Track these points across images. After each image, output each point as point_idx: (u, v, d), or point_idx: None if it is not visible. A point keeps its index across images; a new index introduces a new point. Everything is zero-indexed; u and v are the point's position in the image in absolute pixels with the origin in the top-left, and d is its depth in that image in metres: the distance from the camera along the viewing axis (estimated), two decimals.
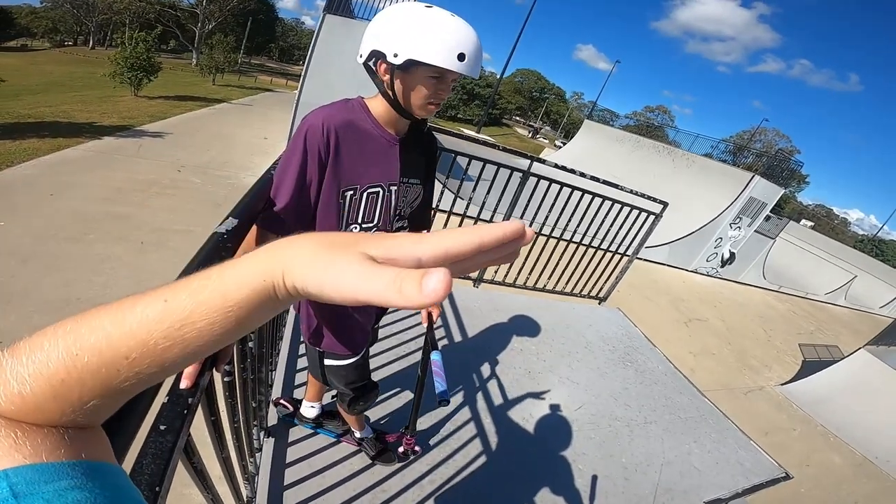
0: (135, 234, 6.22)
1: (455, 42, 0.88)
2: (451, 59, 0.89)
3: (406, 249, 0.27)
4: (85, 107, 14.47)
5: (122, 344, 0.26)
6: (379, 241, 0.28)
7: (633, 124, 24.97)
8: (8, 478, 0.23)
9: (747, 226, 14.36)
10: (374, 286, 0.24)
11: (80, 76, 23.33)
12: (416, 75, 0.93)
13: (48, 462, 0.24)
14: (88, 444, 0.28)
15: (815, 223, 34.57)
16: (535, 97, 63.44)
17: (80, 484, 0.25)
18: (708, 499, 2.28)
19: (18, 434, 0.25)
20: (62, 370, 0.26)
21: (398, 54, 0.90)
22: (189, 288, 0.28)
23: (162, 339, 0.27)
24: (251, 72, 42.13)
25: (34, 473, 0.24)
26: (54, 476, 0.24)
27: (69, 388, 0.26)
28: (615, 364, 3.25)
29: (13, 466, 0.23)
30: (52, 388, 0.25)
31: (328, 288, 0.27)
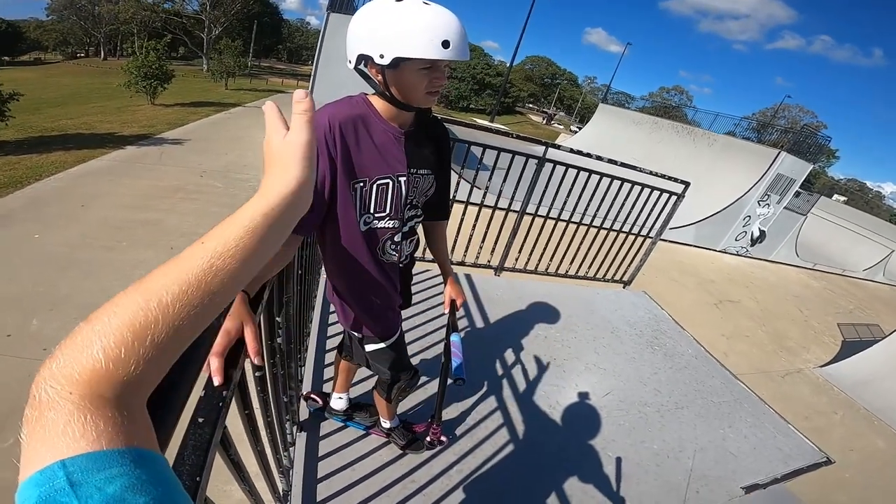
0: (164, 239, 6.41)
1: (436, 31, 0.88)
2: (437, 49, 0.89)
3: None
4: (105, 117, 14.90)
5: (180, 281, 0.34)
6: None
7: (650, 106, 24.41)
8: (65, 467, 0.25)
9: (776, 203, 14.00)
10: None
11: (97, 87, 23.95)
12: (407, 70, 0.94)
13: (104, 450, 0.26)
14: (139, 432, 0.30)
15: (849, 198, 33.18)
16: (547, 83, 62.37)
17: (127, 471, 0.26)
18: (745, 484, 2.22)
19: (87, 418, 0.27)
20: (140, 314, 0.32)
21: (384, 55, 0.90)
22: (219, 230, 0.38)
23: (206, 270, 0.35)
24: (262, 74, 42.58)
25: (88, 462, 0.25)
26: (106, 464, 0.26)
27: (145, 328, 0.32)
28: (643, 349, 3.19)
29: (71, 456, 0.25)
30: (132, 331, 0.31)
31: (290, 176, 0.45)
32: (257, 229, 0.39)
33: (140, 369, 0.31)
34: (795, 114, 53.75)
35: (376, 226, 1.13)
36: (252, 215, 0.40)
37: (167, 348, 0.33)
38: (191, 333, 0.35)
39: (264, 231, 0.39)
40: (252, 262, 0.38)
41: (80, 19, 44.69)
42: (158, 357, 0.32)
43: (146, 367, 0.32)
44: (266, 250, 0.40)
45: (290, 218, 0.44)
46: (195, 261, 0.36)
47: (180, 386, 0.48)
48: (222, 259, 0.36)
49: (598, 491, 1.93)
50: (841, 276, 15.91)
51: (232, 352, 0.70)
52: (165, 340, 0.33)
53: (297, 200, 0.44)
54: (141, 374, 0.31)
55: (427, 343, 2.49)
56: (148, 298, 0.33)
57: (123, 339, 0.31)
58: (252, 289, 0.84)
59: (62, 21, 45.82)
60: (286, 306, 1.20)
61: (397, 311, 1.38)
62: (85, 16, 44.63)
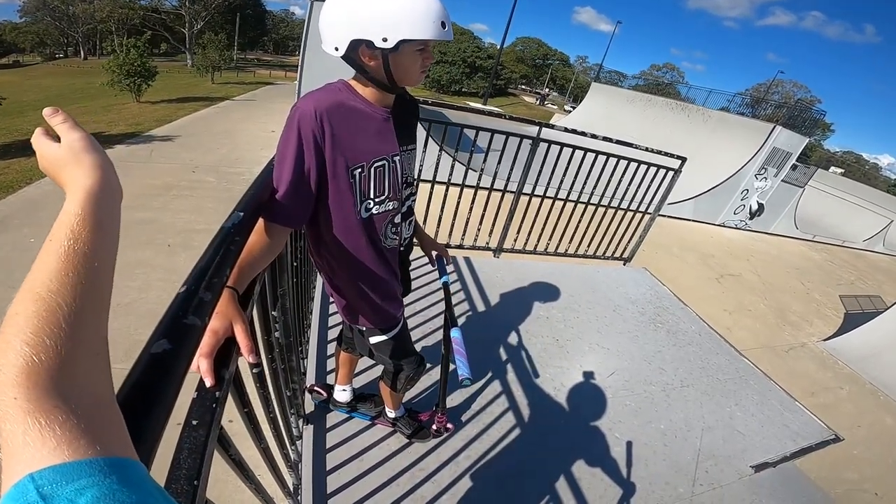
0: (161, 237, 6.37)
1: (434, 12, 0.91)
2: (438, 30, 0.92)
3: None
4: (91, 117, 14.66)
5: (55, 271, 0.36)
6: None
7: (643, 84, 24.28)
8: (34, 481, 0.25)
9: (773, 176, 14.05)
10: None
11: (79, 87, 23.50)
12: (406, 52, 0.95)
13: (69, 462, 0.26)
14: (104, 436, 0.30)
15: (846, 170, 33.12)
16: (539, 64, 61.64)
17: (97, 481, 0.26)
18: (754, 463, 2.21)
19: (42, 423, 0.27)
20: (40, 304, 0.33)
21: (387, 38, 0.91)
22: (59, 224, 0.40)
23: (70, 255, 0.37)
24: (248, 67, 41.88)
25: (56, 474, 0.25)
26: (74, 475, 0.26)
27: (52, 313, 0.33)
28: (646, 326, 3.18)
29: (38, 469, 0.25)
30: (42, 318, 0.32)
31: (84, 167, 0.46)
32: (84, 213, 0.41)
33: (69, 353, 0.32)
34: (789, 89, 53.91)
35: (377, 211, 1.12)
36: (68, 219, 0.40)
37: (85, 323, 0.34)
38: (97, 301, 0.37)
39: (92, 210, 0.41)
40: (100, 234, 0.40)
41: (54, 20, 43.59)
42: (81, 335, 0.34)
43: (73, 348, 0.32)
44: (104, 223, 0.41)
45: (108, 203, 0.44)
46: (54, 254, 0.37)
47: (159, 388, 0.45)
48: (77, 241, 0.38)
49: (607, 473, 1.93)
50: (841, 248, 15.96)
51: (224, 350, 0.68)
52: (78, 318, 0.34)
53: (104, 185, 0.45)
54: (73, 357, 0.32)
55: (429, 329, 2.47)
56: (38, 291, 0.34)
57: (37, 327, 0.31)
58: (241, 285, 0.80)
59: (37, 22, 44.65)
60: (282, 300, 1.17)
61: (399, 300, 1.36)
62: (59, 16, 43.50)
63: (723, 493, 2.02)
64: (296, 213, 0.99)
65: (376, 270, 1.19)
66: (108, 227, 0.43)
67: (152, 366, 0.46)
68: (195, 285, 0.59)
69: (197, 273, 0.61)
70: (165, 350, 0.48)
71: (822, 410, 3.25)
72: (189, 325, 0.53)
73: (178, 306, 0.55)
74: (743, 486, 2.09)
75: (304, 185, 0.98)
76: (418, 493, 1.63)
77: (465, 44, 45.29)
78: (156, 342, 0.49)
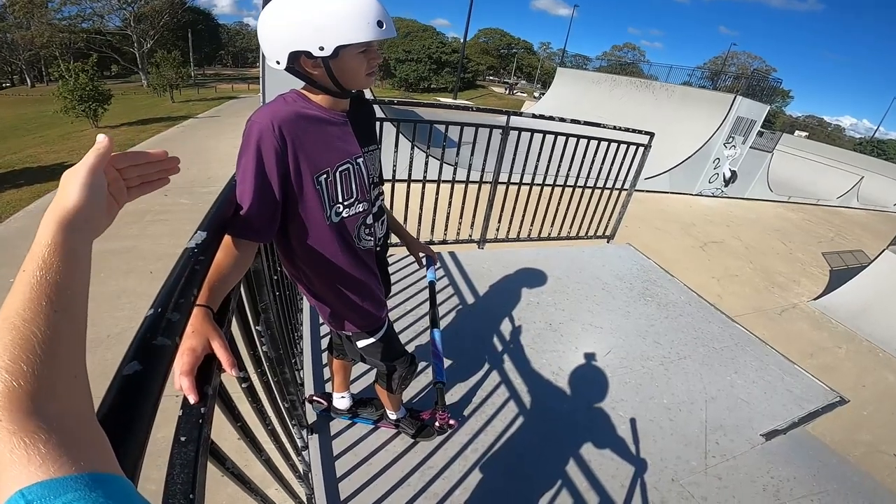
0: (141, 264, 6.22)
1: (369, 12, 0.89)
2: (375, 30, 0.90)
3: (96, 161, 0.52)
4: (50, 148, 14.18)
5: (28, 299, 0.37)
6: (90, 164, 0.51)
7: (607, 65, 24.70)
8: (24, 497, 0.26)
9: (742, 144, 14.55)
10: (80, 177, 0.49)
11: (32, 117, 22.59)
12: (348, 57, 0.94)
13: (55, 478, 0.27)
14: (89, 453, 0.31)
15: (810, 133, 34.14)
16: (504, 54, 61.90)
17: (83, 496, 0.27)
18: (764, 431, 2.20)
19: (27, 442, 0.28)
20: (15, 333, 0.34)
21: (324, 46, 0.89)
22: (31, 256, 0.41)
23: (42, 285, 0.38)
24: (209, 83, 40.92)
25: (44, 490, 0.26)
26: (61, 490, 0.27)
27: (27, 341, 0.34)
28: (636, 301, 3.22)
29: (28, 485, 0.26)
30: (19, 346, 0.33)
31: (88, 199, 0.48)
32: (54, 244, 0.42)
33: (47, 377, 0.33)
34: (744, 60, 55.34)
35: (347, 214, 1.10)
36: (39, 250, 0.42)
37: (61, 349, 0.35)
38: (73, 328, 0.38)
39: (62, 244, 0.43)
40: (71, 267, 0.42)
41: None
42: (59, 359, 0.35)
43: (51, 373, 0.33)
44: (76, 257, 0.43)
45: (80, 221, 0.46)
46: (27, 284, 0.38)
47: (134, 408, 0.45)
48: (49, 272, 0.40)
49: (616, 452, 1.93)
50: (816, 206, 16.46)
51: (205, 367, 0.67)
52: (53, 345, 0.35)
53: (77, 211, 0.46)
54: (52, 381, 0.33)
55: (419, 329, 2.45)
56: (12, 321, 0.35)
57: (14, 355, 0.33)
58: (214, 303, 0.79)
59: None
60: (265, 314, 1.15)
61: (381, 300, 1.34)
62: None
63: (737, 463, 2.01)
64: (262, 226, 0.97)
65: (354, 273, 1.18)
66: (80, 254, 0.44)
67: (125, 387, 0.46)
68: (162, 307, 0.59)
69: (164, 295, 0.61)
70: (136, 371, 0.48)
71: (823, 372, 3.28)
72: (159, 345, 0.53)
73: (147, 328, 0.55)
74: (756, 454, 2.08)
75: (268, 198, 0.96)
76: (430, 490, 1.62)
77: (428, 40, 45.17)
78: (127, 364, 0.48)
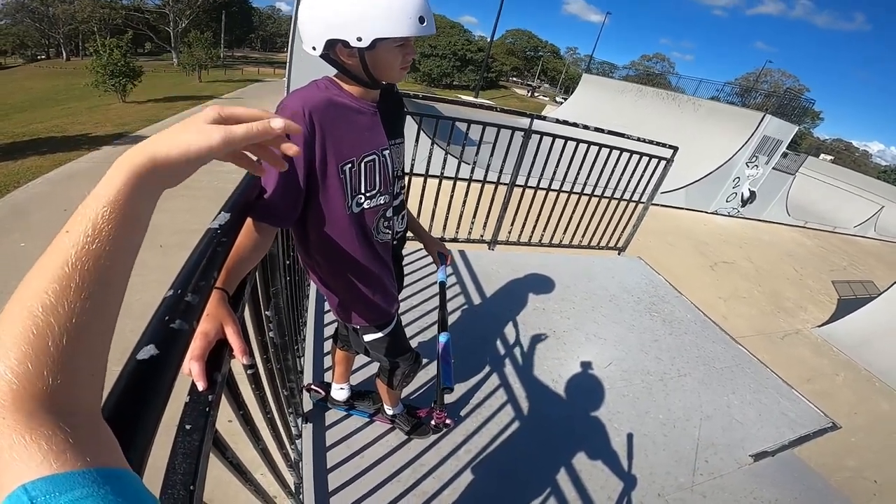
0: (155, 238, 6.29)
1: (411, 8, 0.89)
2: (415, 26, 0.90)
3: (230, 111, 0.47)
4: (76, 119, 14.42)
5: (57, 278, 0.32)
6: (212, 113, 0.46)
7: (634, 74, 24.40)
8: (27, 492, 0.25)
9: (764, 164, 14.20)
10: (211, 140, 0.43)
11: (63, 89, 23.00)
12: (384, 49, 0.93)
13: (61, 473, 0.26)
14: (95, 449, 0.30)
15: (835, 157, 33.38)
16: (530, 56, 61.42)
17: (91, 492, 0.26)
18: (753, 452, 2.22)
19: (27, 439, 0.27)
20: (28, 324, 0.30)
21: (362, 37, 0.89)
22: (80, 214, 0.36)
23: (83, 258, 0.33)
24: (236, 65, 41.25)
25: (49, 485, 0.25)
26: (67, 486, 0.26)
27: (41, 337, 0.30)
28: (641, 315, 3.20)
29: (31, 480, 0.25)
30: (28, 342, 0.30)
31: (182, 155, 0.42)
32: (117, 202, 0.37)
33: (58, 378, 0.30)
34: (778, 78, 54.43)
35: (368, 206, 1.11)
36: (110, 189, 0.37)
37: (78, 347, 0.32)
38: (100, 323, 0.34)
39: (125, 203, 0.37)
40: (125, 236, 0.37)
41: (34, 21, 42.36)
42: (73, 359, 0.31)
43: (63, 373, 0.31)
44: (136, 222, 0.38)
45: (164, 171, 0.41)
46: (64, 253, 0.33)
47: (148, 394, 0.44)
48: (96, 241, 0.34)
49: (607, 464, 1.93)
50: (833, 234, 16.10)
51: (216, 353, 0.66)
52: (71, 340, 0.31)
53: (176, 156, 0.42)
54: (62, 381, 0.30)
55: (424, 324, 2.46)
56: (31, 307, 0.31)
57: (23, 353, 0.29)
58: (230, 286, 0.79)
59: (16, 24, 43.45)
60: (275, 299, 1.16)
61: (393, 295, 1.35)
62: (39, 18, 42.21)
63: (723, 482, 2.03)
64: (285, 211, 0.98)
65: (369, 265, 1.18)
66: (143, 216, 0.39)
67: (139, 372, 0.45)
68: (182, 288, 0.57)
69: (183, 276, 0.60)
70: (152, 356, 0.47)
71: (819, 398, 3.27)
72: (176, 329, 0.52)
73: (165, 310, 0.53)
74: (743, 474, 2.10)
75: (293, 184, 0.96)
76: (419, 488, 1.63)
77: (454, 37, 45.01)
78: (142, 348, 0.47)
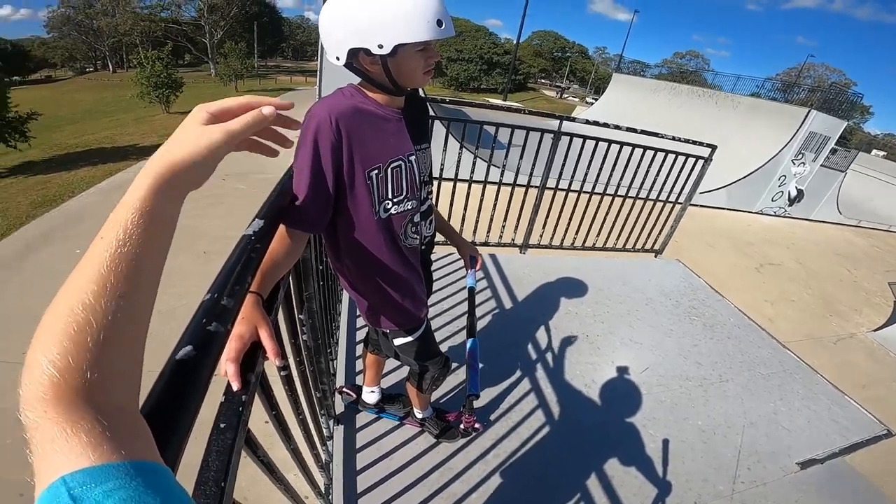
0: (197, 244, 6.59)
1: (428, 12, 0.89)
2: (434, 29, 0.91)
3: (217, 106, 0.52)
4: (124, 130, 15.30)
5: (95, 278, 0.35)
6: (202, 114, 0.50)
7: (667, 72, 23.69)
8: (66, 483, 0.26)
9: (812, 161, 13.55)
10: (217, 139, 0.47)
11: (111, 100, 24.39)
12: (406, 55, 0.94)
13: (97, 465, 0.28)
14: (131, 442, 0.31)
15: (888, 152, 31.29)
16: (557, 57, 60.71)
17: (124, 484, 0.28)
18: (800, 460, 2.11)
19: (68, 432, 0.29)
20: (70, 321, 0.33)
21: (383, 44, 0.90)
22: (112, 220, 0.39)
23: (116, 261, 0.36)
24: (270, 74, 42.68)
25: (86, 476, 0.27)
26: (102, 478, 0.27)
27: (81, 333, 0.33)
28: (680, 320, 3.08)
29: (70, 472, 0.27)
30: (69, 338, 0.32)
31: (197, 156, 0.46)
32: (144, 207, 0.40)
33: (96, 372, 0.32)
34: (822, 72, 52.07)
35: (395, 211, 1.11)
36: (135, 197, 0.41)
37: (115, 343, 0.34)
38: (133, 321, 0.36)
39: (151, 208, 0.40)
40: (154, 238, 0.40)
41: (80, 34, 44.81)
42: (110, 355, 0.33)
43: (101, 368, 0.33)
44: (163, 224, 0.41)
45: (183, 176, 0.45)
46: (99, 257, 0.36)
47: (185, 392, 0.46)
48: (127, 245, 0.37)
49: (641, 471, 1.87)
50: (888, 233, 15.07)
51: (250, 354, 0.69)
52: (108, 337, 0.34)
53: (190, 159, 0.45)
54: (100, 376, 0.32)
55: (454, 329, 2.46)
56: (72, 306, 0.33)
57: (64, 348, 0.32)
58: (265, 290, 0.81)
59: (64, 37, 45.93)
60: (308, 303, 1.18)
61: (422, 299, 1.35)
62: (85, 30, 44.67)
63: (766, 490, 1.93)
64: (316, 218, 1.00)
65: (398, 270, 1.18)
66: (169, 219, 0.42)
67: (178, 371, 0.47)
68: (218, 292, 0.60)
69: (220, 281, 0.62)
70: (190, 356, 0.49)
71: (874, 404, 3.05)
72: (213, 331, 0.54)
73: (203, 314, 0.56)
74: (788, 483, 2.00)
75: (322, 191, 0.98)
76: (447, 491, 1.62)
77: (480, 40, 45.09)
78: (181, 349, 0.50)
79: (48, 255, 6.33)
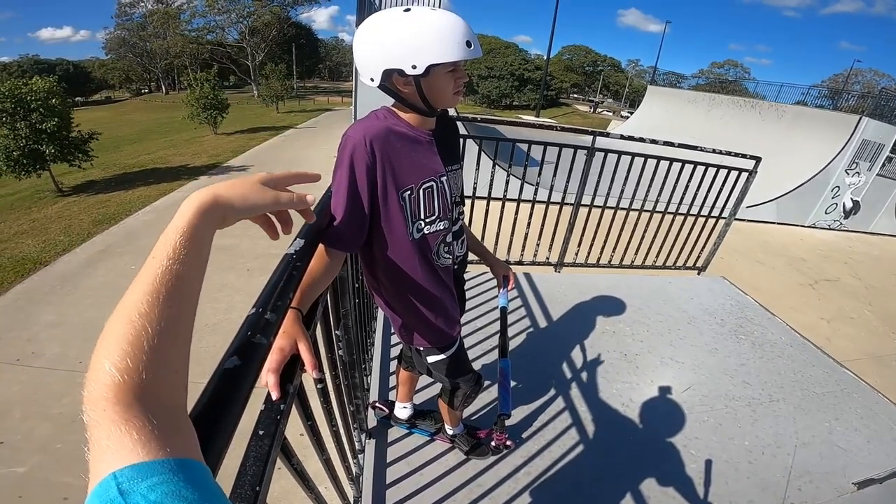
0: (241, 261, 6.91)
1: (458, 33, 0.94)
2: (464, 50, 0.95)
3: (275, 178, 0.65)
4: (177, 150, 16.29)
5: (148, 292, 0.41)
6: (263, 176, 0.63)
7: (704, 83, 23.01)
8: (116, 478, 0.29)
9: (867, 170, 12.72)
10: (265, 198, 0.60)
11: (164, 122, 25.97)
12: (437, 76, 0.99)
13: (144, 461, 0.30)
14: (177, 441, 0.34)
15: None
16: (589, 71, 60.17)
17: (168, 479, 0.30)
18: (857, 480, 1.96)
19: (122, 429, 0.31)
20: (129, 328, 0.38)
21: (416, 65, 0.94)
22: (162, 242, 0.46)
23: (165, 276, 0.42)
24: (308, 95, 44.43)
25: (133, 472, 0.29)
26: (148, 473, 0.30)
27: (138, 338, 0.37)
28: (726, 338, 2.93)
29: (120, 468, 0.29)
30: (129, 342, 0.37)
31: (239, 201, 0.56)
32: (188, 231, 0.48)
33: (149, 373, 0.36)
34: (870, 78, 49.61)
35: (428, 231, 1.13)
36: (183, 221, 0.49)
37: (166, 347, 0.39)
38: (180, 327, 0.42)
39: (193, 231, 0.48)
40: (195, 256, 0.47)
41: (135, 56, 47.73)
42: (162, 357, 0.38)
43: (154, 369, 0.37)
44: (201, 245, 0.49)
45: (223, 210, 0.54)
46: (152, 272, 0.42)
47: (230, 399, 0.50)
48: (175, 262, 0.44)
49: (680, 492, 1.78)
50: None
51: (289, 366, 0.73)
52: (161, 341, 0.38)
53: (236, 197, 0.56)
54: (153, 377, 0.36)
55: (487, 347, 2.44)
56: (129, 314, 0.39)
57: (124, 351, 0.36)
58: (304, 306, 0.86)
59: (120, 59, 48.99)
60: (345, 319, 1.22)
61: (455, 318, 1.35)
62: (139, 52, 47.51)
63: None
64: (352, 237, 1.03)
65: (431, 290, 1.20)
66: (207, 243, 0.50)
67: (224, 379, 0.51)
68: (262, 307, 0.64)
69: (264, 296, 0.67)
70: (236, 366, 0.53)
71: None
72: (257, 343, 0.58)
73: (248, 326, 0.60)
74: (843, 503, 1.86)
75: (358, 211, 1.02)
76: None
77: (510, 57, 45.39)
78: (228, 358, 0.53)
79: (106, 270, 6.78)
